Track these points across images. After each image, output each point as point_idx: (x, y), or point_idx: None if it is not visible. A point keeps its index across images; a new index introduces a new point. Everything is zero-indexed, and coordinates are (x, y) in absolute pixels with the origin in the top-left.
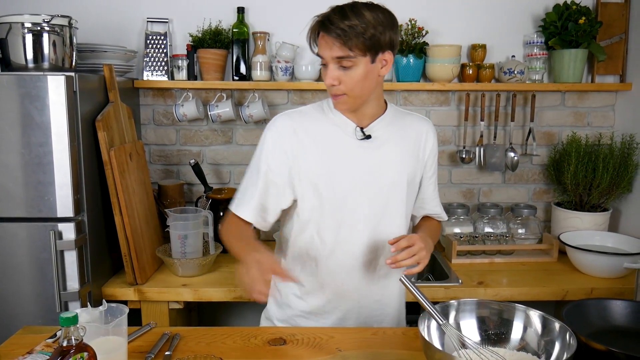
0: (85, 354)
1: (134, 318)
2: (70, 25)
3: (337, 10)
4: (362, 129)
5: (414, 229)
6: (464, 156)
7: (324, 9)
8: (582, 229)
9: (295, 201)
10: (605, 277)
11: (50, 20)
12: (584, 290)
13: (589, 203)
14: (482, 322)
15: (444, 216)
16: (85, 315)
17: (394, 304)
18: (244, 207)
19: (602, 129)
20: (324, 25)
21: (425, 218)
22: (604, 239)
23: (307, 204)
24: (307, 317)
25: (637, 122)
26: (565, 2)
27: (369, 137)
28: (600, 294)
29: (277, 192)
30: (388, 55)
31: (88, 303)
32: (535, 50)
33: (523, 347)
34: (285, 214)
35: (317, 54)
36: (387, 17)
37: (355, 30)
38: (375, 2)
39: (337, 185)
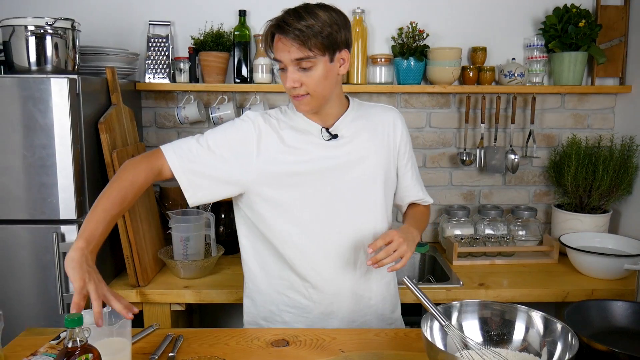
0: (90, 355)
1: (136, 320)
2: (73, 27)
3: (291, 12)
4: (327, 129)
5: (403, 218)
6: (464, 158)
7: None
8: (582, 230)
9: (266, 203)
10: (605, 278)
11: (53, 23)
12: (584, 291)
13: (589, 205)
14: (484, 323)
15: (428, 199)
16: (89, 317)
17: (377, 298)
18: (174, 153)
19: (602, 131)
20: (280, 28)
21: (411, 205)
22: (604, 240)
23: (284, 206)
24: (291, 312)
25: (637, 124)
26: (565, 5)
27: (335, 136)
28: (600, 295)
29: (212, 172)
30: (345, 54)
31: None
32: (535, 53)
33: (525, 347)
34: (263, 215)
35: (274, 59)
36: (340, 17)
37: (312, 30)
38: (327, 3)
39: (311, 188)
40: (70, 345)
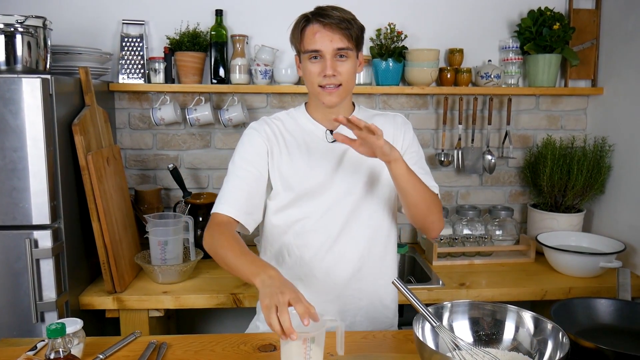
0: None
1: (113, 327)
2: (44, 26)
3: (329, 7)
4: (331, 132)
5: None
6: (442, 159)
7: (302, 12)
8: (557, 229)
9: (271, 203)
10: (582, 276)
11: (24, 21)
12: (562, 290)
13: (563, 204)
14: (474, 324)
15: (434, 190)
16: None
17: (369, 299)
18: (227, 206)
19: (575, 132)
20: (323, 17)
21: None
22: (579, 239)
23: (282, 207)
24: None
25: (608, 126)
26: (540, 8)
27: None
28: (578, 293)
29: (256, 190)
30: (362, 56)
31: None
32: (510, 55)
33: (515, 347)
34: (263, 216)
35: (307, 51)
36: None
37: (356, 23)
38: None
39: (313, 186)
40: (52, 356)
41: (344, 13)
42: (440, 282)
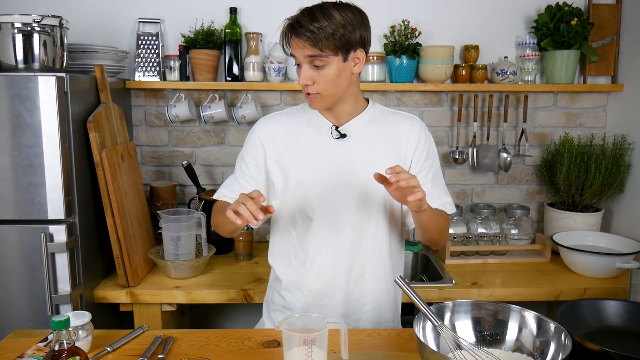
0: (78, 357)
1: (128, 320)
2: (61, 25)
3: (306, 12)
4: (337, 128)
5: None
6: (457, 157)
7: None
8: (574, 229)
9: (275, 201)
10: (598, 277)
11: (40, 21)
12: (577, 290)
13: (581, 203)
14: (477, 323)
15: (448, 208)
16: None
17: (373, 304)
18: (227, 190)
19: (594, 129)
20: (293, 29)
21: None
22: (597, 239)
23: (287, 202)
24: (285, 314)
25: (628, 123)
26: (558, 3)
27: (344, 135)
28: (593, 294)
29: (260, 184)
30: (360, 54)
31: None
32: (527, 51)
33: (518, 347)
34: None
35: (291, 55)
36: (356, 16)
37: (324, 31)
38: (346, 1)
39: (315, 183)
40: (57, 347)
41: (317, 24)
42: (453, 281)
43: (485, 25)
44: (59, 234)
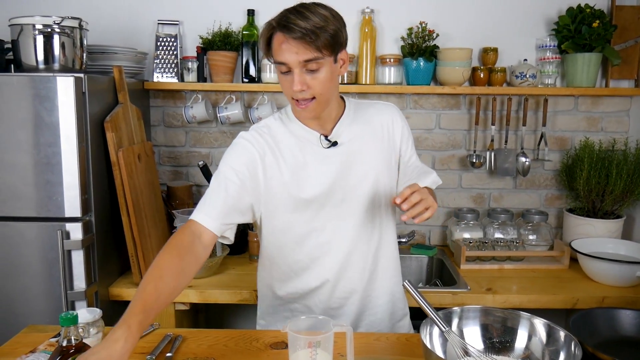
0: None
1: None
2: (80, 26)
3: (293, 11)
4: (326, 137)
5: None
6: (474, 160)
7: None
8: (594, 236)
9: (271, 220)
10: (617, 285)
11: (60, 22)
12: (595, 298)
13: (602, 210)
14: (485, 330)
15: (437, 181)
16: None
17: (385, 296)
18: (203, 213)
19: (616, 134)
20: (287, 28)
21: None
22: (617, 246)
23: (284, 217)
24: (289, 317)
25: None
26: (579, 5)
27: (335, 143)
28: (611, 303)
29: (237, 201)
30: (345, 54)
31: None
32: (548, 54)
33: (527, 356)
34: (267, 228)
35: (277, 62)
36: (338, 15)
37: (321, 29)
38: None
39: (314, 197)
40: (65, 344)
41: (310, 21)
42: (468, 286)
43: (505, 27)
44: (75, 231)
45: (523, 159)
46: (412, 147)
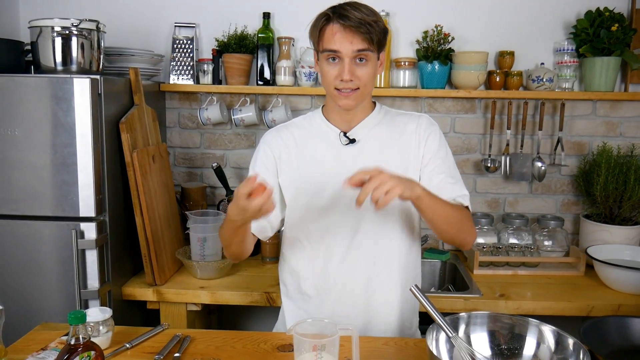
0: (93, 352)
1: (153, 319)
2: (98, 29)
3: (347, 5)
4: (345, 134)
5: None
6: (489, 165)
7: None
8: (611, 242)
9: (287, 214)
10: (634, 293)
11: (78, 24)
12: (610, 306)
13: (619, 216)
14: (493, 336)
15: (460, 201)
16: (100, 313)
17: (393, 312)
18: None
19: (635, 139)
20: (344, 17)
21: None
22: (635, 253)
23: (296, 213)
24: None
25: None
26: (598, 8)
27: (353, 140)
28: (628, 311)
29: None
30: (383, 56)
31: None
32: (565, 58)
33: None
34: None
35: (327, 50)
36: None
37: (374, 22)
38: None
39: (326, 192)
40: (73, 342)
41: (366, 14)
42: (480, 292)
43: (522, 30)
44: (90, 231)
45: (539, 164)
46: (444, 164)
